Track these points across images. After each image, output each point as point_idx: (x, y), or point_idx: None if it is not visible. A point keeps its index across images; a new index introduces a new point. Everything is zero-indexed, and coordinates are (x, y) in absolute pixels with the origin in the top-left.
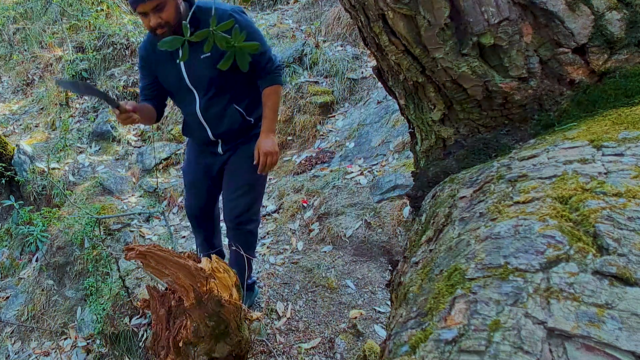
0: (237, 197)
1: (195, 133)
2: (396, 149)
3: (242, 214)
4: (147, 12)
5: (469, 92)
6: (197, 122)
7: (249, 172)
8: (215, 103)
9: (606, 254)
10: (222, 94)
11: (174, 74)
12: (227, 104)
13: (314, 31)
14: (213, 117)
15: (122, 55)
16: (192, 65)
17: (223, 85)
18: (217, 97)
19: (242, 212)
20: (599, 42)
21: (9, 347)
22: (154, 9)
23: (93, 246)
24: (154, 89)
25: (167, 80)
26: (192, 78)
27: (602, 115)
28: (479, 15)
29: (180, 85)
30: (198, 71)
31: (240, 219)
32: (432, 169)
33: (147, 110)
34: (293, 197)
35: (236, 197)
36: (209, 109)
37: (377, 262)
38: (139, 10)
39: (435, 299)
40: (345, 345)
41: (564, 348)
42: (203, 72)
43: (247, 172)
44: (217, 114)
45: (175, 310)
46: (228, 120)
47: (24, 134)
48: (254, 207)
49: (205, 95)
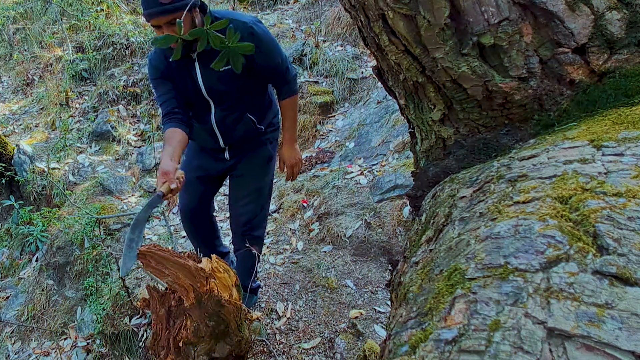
0: (245, 204)
1: (205, 140)
2: (396, 149)
3: (250, 221)
4: (161, 25)
5: (469, 92)
6: (210, 130)
7: (258, 179)
8: (230, 113)
9: (606, 253)
10: (238, 104)
11: (189, 84)
12: (241, 114)
13: (314, 31)
14: (227, 127)
15: (122, 55)
16: (210, 78)
17: (240, 96)
18: (233, 108)
19: (250, 218)
20: (599, 42)
21: (9, 347)
22: (168, 22)
23: (93, 246)
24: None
25: (182, 90)
26: (209, 90)
27: (602, 115)
28: (479, 15)
29: (196, 96)
30: (216, 84)
31: (248, 225)
32: (432, 169)
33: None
34: (293, 197)
35: (244, 204)
36: (224, 119)
37: (377, 262)
38: (153, 23)
39: (435, 299)
40: (345, 345)
41: (564, 348)
42: (221, 85)
43: (256, 180)
44: (231, 123)
45: (175, 310)
46: (241, 129)
47: (24, 134)
48: (261, 214)
49: (221, 106)
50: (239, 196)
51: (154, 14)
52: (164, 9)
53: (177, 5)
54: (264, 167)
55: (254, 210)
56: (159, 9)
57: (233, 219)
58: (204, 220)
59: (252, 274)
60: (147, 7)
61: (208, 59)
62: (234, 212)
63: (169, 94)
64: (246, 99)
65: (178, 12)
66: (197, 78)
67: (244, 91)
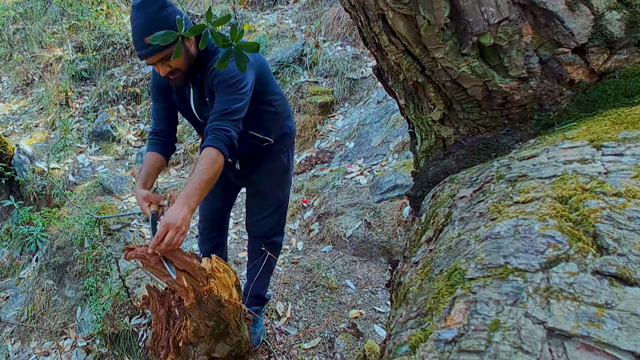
0: (265, 216)
1: None
2: (396, 149)
3: (272, 229)
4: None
5: (469, 92)
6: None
7: (277, 191)
8: None
9: (606, 253)
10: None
11: (186, 107)
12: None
13: (314, 31)
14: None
15: (122, 55)
16: (199, 105)
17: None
18: None
19: (272, 227)
20: (599, 42)
21: (9, 347)
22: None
23: (93, 246)
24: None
25: (182, 112)
26: (201, 116)
27: (602, 115)
28: (479, 15)
29: (192, 118)
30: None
31: (269, 233)
32: (432, 169)
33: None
34: (293, 197)
35: (265, 216)
36: None
37: (377, 262)
38: (147, 63)
39: (435, 299)
40: (345, 345)
41: (563, 348)
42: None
43: (275, 191)
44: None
45: (175, 310)
46: (244, 147)
47: (24, 134)
48: (281, 221)
49: None
50: (257, 209)
51: (145, 55)
52: (153, 49)
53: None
54: (281, 180)
55: (275, 220)
56: (147, 50)
57: (252, 227)
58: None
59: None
60: (137, 49)
61: (198, 87)
62: (252, 222)
63: (162, 113)
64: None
65: (168, 49)
66: (191, 104)
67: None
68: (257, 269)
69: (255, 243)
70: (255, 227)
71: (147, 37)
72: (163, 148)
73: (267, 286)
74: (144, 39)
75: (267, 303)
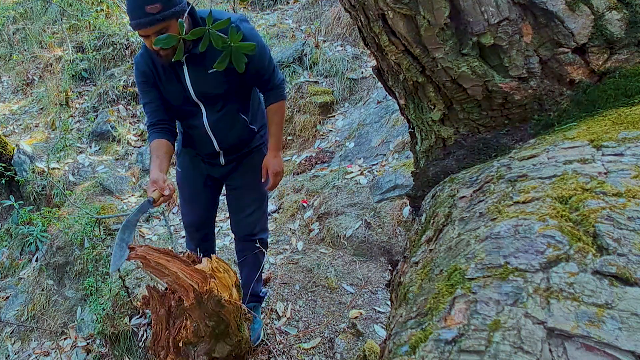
0: (249, 214)
1: (200, 146)
2: (396, 149)
3: (256, 227)
4: (149, 35)
5: (469, 92)
6: (204, 134)
7: (257, 188)
8: (224, 115)
9: (606, 253)
10: (229, 106)
11: (178, 88)
12: (235, 114)
13: (314, 31)
14: (222, 129)
15: (122, 55)
16: (199, 80)
17: (230, 98)
18: (225, 109)
19: (256, 224)
20: (599, 42)
21: (9, 347)
22: (156, 32)
23: (93, 246)
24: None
25: (171, 95)
26: (198, 93)
27: (602, 115)
28: (479, 15)
29: (185, 100)
30: (205, 86)
31: (255, 231)
32: (432, 169)
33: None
34: (293, 197)
35: (249, 213)
36: (218, 121)
37: (377, 262)
38: (141, 33)
39: (435, 299)
40: (345, 345)
41: (563, 348)
42: (211, 88)
43: (255, 189)
44: (226, 125)
45: (175, 310)
46: (237, 131)
47: (24, 134)
48: (263, 218)
49: (213, 108)
50: (242, 206)
51: (142, 25)
52: (153, 18)
53: (165, 15)
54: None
55: (258, 217)
56: (147, 19)
57: (237, 227)
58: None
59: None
60: (134, 17)
61: (196, 62)
62: (237, 221)
63: (155, 103)
64: (236, 100)
65: (167, 21)
66: (185, 82)
67: (233, 92)
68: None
69: (242, 244)
70: (242, 225)
71: (148, 6)
72: (167, 134)
73: (260, 283)
74: (144, 7)
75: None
